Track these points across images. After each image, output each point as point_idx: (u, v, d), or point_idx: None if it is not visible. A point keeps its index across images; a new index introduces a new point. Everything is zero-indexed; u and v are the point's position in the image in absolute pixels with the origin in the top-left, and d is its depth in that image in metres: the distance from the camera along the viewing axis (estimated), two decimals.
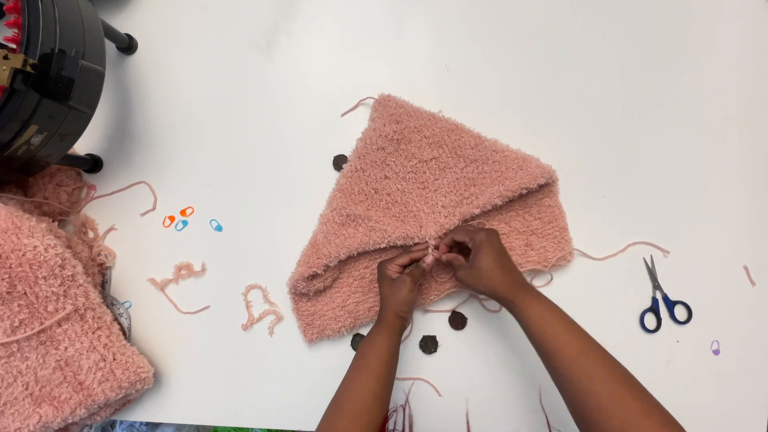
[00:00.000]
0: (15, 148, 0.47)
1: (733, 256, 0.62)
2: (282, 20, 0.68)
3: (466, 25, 0.67)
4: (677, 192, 0.63)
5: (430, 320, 0.63)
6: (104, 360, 0.55)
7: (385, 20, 0.67)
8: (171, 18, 0.69)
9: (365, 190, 0.61)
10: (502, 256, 0.52)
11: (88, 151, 0.66)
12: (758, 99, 0.64)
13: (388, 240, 0.58)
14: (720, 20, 0.66)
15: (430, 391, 0.62)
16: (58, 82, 0.45)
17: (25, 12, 0.44)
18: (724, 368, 0.60)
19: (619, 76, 0.65)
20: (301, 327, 0.62)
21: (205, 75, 0.68)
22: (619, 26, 0.66)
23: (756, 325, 0.61)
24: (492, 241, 0.52)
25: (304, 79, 0.67)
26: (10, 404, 0.54)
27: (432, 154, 0.61)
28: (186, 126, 0.67)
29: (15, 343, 0.53)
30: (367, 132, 0.62)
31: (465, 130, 0.61)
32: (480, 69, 0.66)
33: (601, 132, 0.64)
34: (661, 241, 0.62)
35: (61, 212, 0.64)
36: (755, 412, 0.60)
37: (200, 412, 0.62)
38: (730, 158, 0.64)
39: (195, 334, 0.63)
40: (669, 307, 0.61)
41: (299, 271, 0.59)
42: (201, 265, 0.64)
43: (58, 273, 0.53)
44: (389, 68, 0.67)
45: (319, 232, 0.61)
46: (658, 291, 0.61)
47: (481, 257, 0.51)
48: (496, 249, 0.52)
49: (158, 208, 0.66)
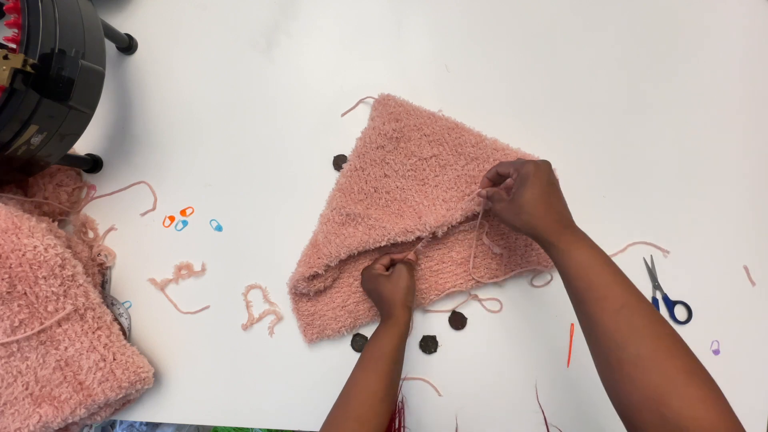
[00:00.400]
0: (15, 148, 0.47)
1: (733, 256, 0.62)
2: (282, 20, 0.68)
3: (466, 25, 0.67)
4: (677, 192, 0.63)
5: (430, 320, 0.63)
6: (104, 360, 0.55)
7: (385, 20, 0.67)
8: (171, 18, 0.69)
9: (365, 188, 0.61)
10: (550, 191, 0.47)
11: (88, 151, 0.66)
12: (759, 99, 0.64)
13: (388, 237, 0.58)
14: (720, 20, 0.66)
15: (430, 391, 0.62)
16: (58, 82, 0.45)
17: (25, 12, 0.44)
18: (724, 368, 0.60)
19: (619, 76, 0.65)
20: (301, 327, 0.62)
21: (205, 75, 0.68)
22: (619, 26, 0.66)
23: (756, 325, 0.61)
24: (540, 173, 0.46)
25: (304, 79, 0.67)
26: (10, 404, 0.54)
27: (432, 152, 0.61)
28: (186, 126, 0.67)
29: (15, 343, 0.53)
30: (366, 131, 0.62)
31: (465, 129, 0.61)
32: (480, 69, 0.66)
33: (601, 132, 0.64)
34: (661, 241, 0.62)
35: (61, 212, 0.64)
36: (755, 412, 0.60)
37: (200, 412, 0.62)
38: (731, 158, 0.64)
39: (195, 334, 0.63)
40: (669, 307, 0.61)
41: (300, 271, 0.59)
42: (201, 265, 0.64)
43: (58, 273, 0.53)
44: (389, 68, 0.67)
45: (319, 231, 0.61)
46: (658, 291, 0.61)
47: (525, 190, 0.46)
48: (543, 182, 0.46)
49: (158, 208, 0.66)
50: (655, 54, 0.65)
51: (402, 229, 0.58)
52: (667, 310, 0.61)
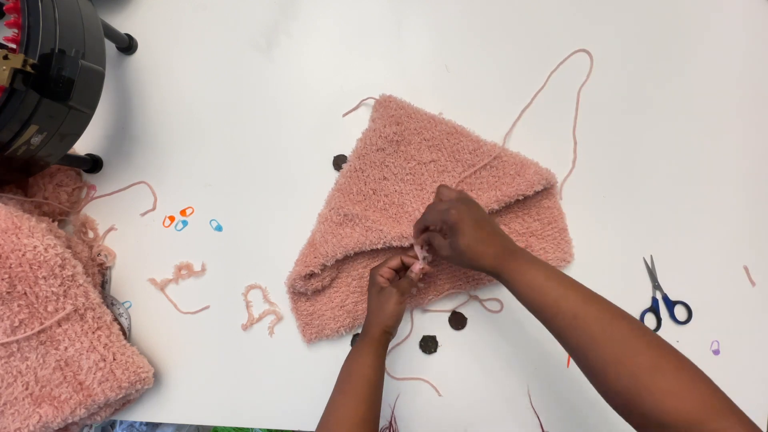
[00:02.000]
0: (15, 148, 0.47)
1: (733, 256, 0.62)
2: (282, 20, 0.68)
3: (466, 25, 0.67)
4: (678, 192, 0.63)
5: (430, 320, 0.63)
6: (104, 360, 0.55)
7: (385, 20, 0.67)
8: (171, 18, 0.69)
9: (363, 190, 0.61)
10: (481, 228, 0.47)
11: (88, 151, 0.66)
12: (759, 99, 0.64)
13: (384, 240, 0.58)
14: (720, 21, 0.66)
15: (430, 391, 0.62)
16: (58, 82, 0.45)
17: (25, 12, 0.44)
18: (724, 368, 0.60)
19: (619, 76, 0.65)
20: (300, 327, 0.62)
21: (205, 75, 0.68)
22: (619, 27, 0.66)
23: (756, 325, 0.61)
24: (464, 216, 0.47)
25: (304, 79, 0.67)
26: (10, 404, 0.54)
27: (431, 157, 0.61)
28: (186, 126, 0.67)
29: (15, 343, 0.53)
30: (367, 133, 0.62)
31: (464, 134, 0.61)
32: (480, 69, 0.66)
33: (601, 132, 0.64)
34: (661, 241, 0.62)
35: (61, 212, 0.64)
36: (755, 412, 0.60)
37: (200, 412, 0.62)
38: (731, 158, 0.64)
39: (195, 334, 0.63)
40: (669, 307, 0.61)
41: (297, 270, 0.59)
42: (201, 265, 0.64)
43: (58, 273, 0.53)
44: (389, 68, 0.67)
45: (317, 231, 0.61)
46: (658, 291, 0.61)
47: (458, 238, 0.46)
48: (471, 223, 0.47)
49: (158, 208, 0.66)
50: (656, 54, 0.65)
51: (398, 234, 0.58)
52: (667, 310, 0.61)
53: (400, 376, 0.62)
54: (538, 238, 0.61)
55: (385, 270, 0.55)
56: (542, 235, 0.61)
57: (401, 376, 0.62)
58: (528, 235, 0.61)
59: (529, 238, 0.61)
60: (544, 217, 0.61)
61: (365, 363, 0.49)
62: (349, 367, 0.50)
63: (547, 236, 0.61)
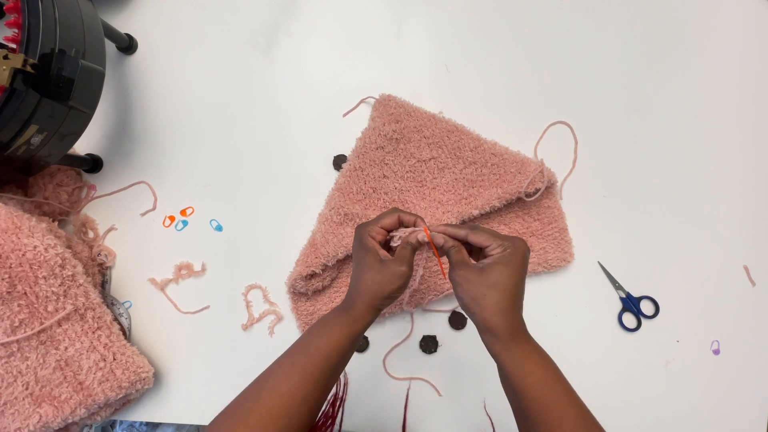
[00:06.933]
0: (15, 148, 0.47)
1: (733, 256, 0.62)
2: (282, 20, 0.68)
3: (466, 25, 0.67)
4: (678, 191, 0.63)
5: (430, 320, 0.63)
6: (104, 360, 0.55)
7: (385, 20, 0.67)
8: (171, 18, 0.69)
9: (363, 189, 0.61)
10: (521, 285, 0.40)
11: (88, 151, 0.66)
12: (759, 99, 0.64)
13: None
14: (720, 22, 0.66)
15: (430, 391, 0.62)
16: (58, 82, 0.45)
17: (25, 12, 0.44)
18: (724, 368, 0.60)
19: (619, 77, 0.65)
20: (300, 327, 0.62)
21: (205, 75, 0.68)
22: (619, 27, 0.66)
23: (756, 325, 0.61)
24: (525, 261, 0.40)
25: (304, 79, 0.67)
26: (10, 404, 0.54)
27: (431, 154, 0.61)
28: (186, 126, 0.67)
29: (15, 343, 0.53)
30: (366, 131, 0.62)
31: (465, 132, 0.61)
32: (480, 69, 0.66)
33: (602, 132, 0.64)
34: (662, 241, 0.62)
35: (61, 212, 0.64)
36: (755, 412, 0.60)
37: (200, 412, 0.62)
38: (731, 158, 0.64)
39: (195, 334, 0.63)
40: (634, 304, 0.61)
41: (297, 270, 0.59)
42: (201, 265, 0.64)
43: (58, 273, 0.53)
44: (389, 68, 0.67)
45: (317, 231, 0.61)
46: (620, 291, 0.62)
47: (502, 269, 0.39)
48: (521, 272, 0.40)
49: (158, 208, 0.66)
50: (656, 54, 0.65)
51: None
52: (634, 307, 0.61)
53: (400, 376, 0.62)
54: (538, 238, 0.61)
55: (377, 230, 0.44)
56: (542, 235, 0.61)
57: (401, 376, 0.62)
58: (528, 234, 0.61)
59: (530, 237, 0.61)
60: (544, 216, 0.61)
61: (332, 341, 0.41)
62: (311, 341, 0.42)
63: (547, 236, 0.61)
